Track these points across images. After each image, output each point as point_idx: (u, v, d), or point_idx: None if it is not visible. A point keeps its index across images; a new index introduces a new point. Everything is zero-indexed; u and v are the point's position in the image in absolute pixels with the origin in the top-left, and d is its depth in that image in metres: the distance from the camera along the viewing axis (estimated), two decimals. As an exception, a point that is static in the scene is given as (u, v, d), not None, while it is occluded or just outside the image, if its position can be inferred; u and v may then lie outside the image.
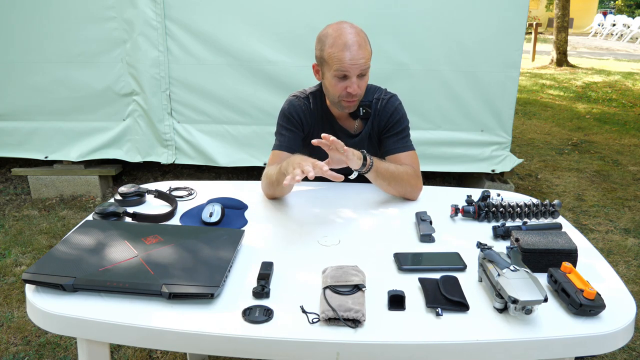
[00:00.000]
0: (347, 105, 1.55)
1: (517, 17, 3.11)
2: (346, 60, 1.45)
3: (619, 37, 19.30)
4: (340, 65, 1.46)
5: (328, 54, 1.48)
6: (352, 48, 1.45)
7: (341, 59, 1.45)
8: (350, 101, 1.54)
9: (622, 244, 2.97)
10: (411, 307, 0.99)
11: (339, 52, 1.45)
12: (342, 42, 1.45)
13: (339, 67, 1.47)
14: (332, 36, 1.48)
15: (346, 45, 1.45)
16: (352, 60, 1.45)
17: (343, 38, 1.46)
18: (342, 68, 1.46)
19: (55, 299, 0.99)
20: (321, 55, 1.51)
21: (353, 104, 1.56)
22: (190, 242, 1.16)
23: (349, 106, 1.56)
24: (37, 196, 3.49)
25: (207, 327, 0.92)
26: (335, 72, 1.48)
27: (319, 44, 1.52)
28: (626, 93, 8.04)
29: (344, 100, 1.53)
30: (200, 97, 3.30)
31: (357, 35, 1.48)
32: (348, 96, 1.51)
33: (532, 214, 1.38)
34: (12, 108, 3.35)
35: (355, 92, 1.50)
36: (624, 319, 0.96)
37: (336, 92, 1.52)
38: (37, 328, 2.10)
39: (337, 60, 1.46)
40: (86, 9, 3.12)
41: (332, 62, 1.48)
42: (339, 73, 1.48)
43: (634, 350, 2.04)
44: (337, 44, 1.46)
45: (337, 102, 1.55)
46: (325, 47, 1.49)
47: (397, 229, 1.34)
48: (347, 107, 1.56)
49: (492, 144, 3.37)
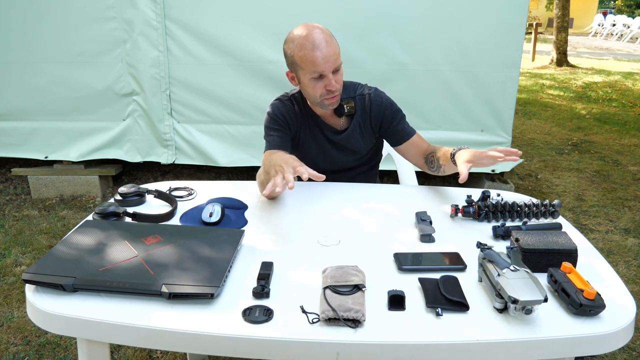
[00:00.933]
0: (330, 102, 1.56)
1: (517, 17, 3.11)
2: (318, 59, 1.46)
3: (619, 37, 19.30)
4: (314, 67, 1.47)
5: (299, 58, 1.48)
6: (321, 46, 1.46)
7: (313, 59, 1.46)
8: (332, 97, 1.55)
9: (622, 244, 2.97)
10: (411, 307, 0.99)
11: (309, 53, 1.46)
12: (310, 43, 1.46)
13: (313, 69, 1.47)
14: (298, 39, 1.48)
15: (314, 45, 1.46)
16: (324, 58, 1.46)
17: (310, 39, 1.46)
18: (316, 69, 1.47)
19: (55, 299, 0.99)
20: (292, 60, 1.52)
21: (335, 99, 1.56)
22: (190, 242, 1.16)
23: (332, 103, 1.57)
24: (37, 196, 3.49)
25: (207, 327, 0.92)
26: (310, 74, 1.49)
27: (287, 50, 1.53)
28: (626, 93, 8.04)
29: (325, 98, 1.54)
30: (200, 97, 3.30)
31: (323, 32, 1.48)
32: (329, 94, 1.53)
33: (532, 214, 1.37)
34: (12, 108, 3.35)
35: (334, 88, 1.51)
36: (624, 319, 0.96)
37: (316, 93, 1.53)
38: (37, 328, 2.10)
39: (309, 62, 1.47)
40: (86, 9, 3.12)
41: (305, 65, 1.48)
42: (314, 74, 1.49)
43: (634, 350, 2.04)
44: (305, 46, 1.46)
45: (320, 101, 1.56)
46: (295, 52, 1.49)
47: (397, 229, 1.34)
48: (330, 104, 1.57)
49: (492, 144, 3.36)
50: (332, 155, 1.71)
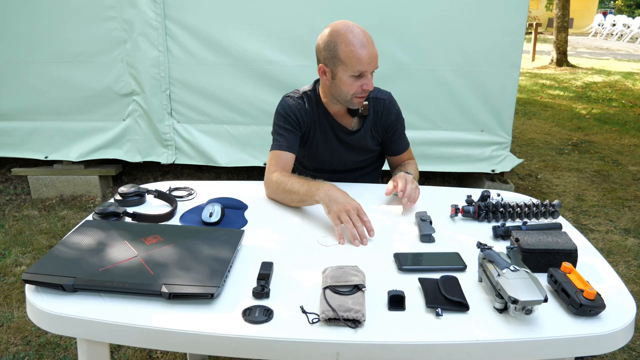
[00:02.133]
0: (359, 101, 1.58)
1: (517, 17, 3.11)
2: (365, 58, 1.46)
3: (619, 37, 19.30)
4: (359, 65, 1.47)
5: (345, 53, 1.47)
6: (368, 46, 1.47)
7: (360, 57, 1.46)
8: (363, 97, 1.57)
9: (622, 244, 2.97)
10: (411, 307, 0.99)
11: (357, 51, 1.46)
12: (358, 41, 1.46)
13: (358, 67, 1.47)
14: (345, 35, 1.47)
15: (362, 43, 1.46)
16: (369, 57, 1.47)
17: (358, 37, 1.46)
18: (360, 67, 1.48)
19: (55, 299, 0.99)
20: (334, 55, 1.49)
21: (364, 99, 1.58)
22: (190, 242, 1.16)
23: (360, 102, 1.58)
24: (37, 196, 3.49)
25: (207, 327, 0.92)
26: (352, 71, 1.49)
27: (329, 44, 1.49)
28: (626, 93, 8.04)
29: (357, 97, 1.55)
30: (200, 97, 3.29)
31: (366, 33, 1.50)
32: (363, 92, 1.54)
33: (532, 214, 1.37)
34: (12, 108, 3.35)
35: (372, 88, 1.54)
36: (624, 319, 0.96)
37: (351, 91, 1.53)
38: (37, 328, 2.10)
39: (356, 59, 1.46)
40: (86, 9, 3.12)
41: (349, 61, 1.47)
42: (356, 72, 1.49)
43: (634, 350, 2.04)
44: (353, 43, 1.46)
45: (350, 99, 1.56)
46: (340, 47, 1.47)
47: (397, 229, 1.34)
48: (358, 103, 1.58)
49: (492, 144, 3.37)
50: (341, 154, 1.71)
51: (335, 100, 1.61)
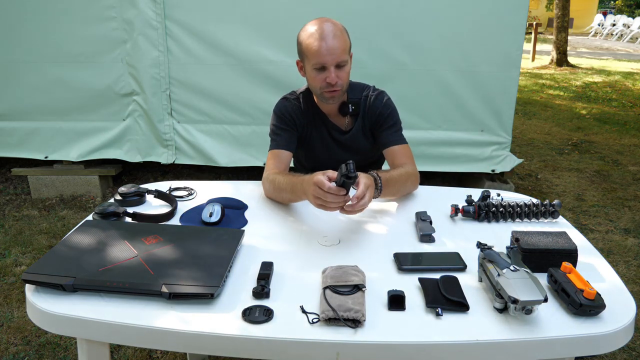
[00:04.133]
0: (330, 96, 1.55)
1: (517, 17, 3.11)
2: (322, 50, 1.47)
3: (619, 37, 19.30)
4: (317, 57, 1.48)
5: (306, 46, 1.51)
6: (327, 38, 1.47)
7: (317, 49, 1.47)
8: (331, 91, 1.54)
9: (622, 244, 2.97)
10: (411, 307, 0.99)
11: (314, 43, 1.48)
12: (318, 34, 1.48)
13: (316, 59, 1.49)
14: (309, 29, 1.51)
15: (321, 35, 1.48)
16: (327, 50, 1.47)
17: (319, 30, 1.49)
18: (318, 60, 1.48)
19: (55, 299, 0.99)
20: (300, 49, 1.55)
21: (336, 94, 1.55)
22: (190, 242, 1.16)
23: (331, 97, 1.56)
24: (37, 196, 3.49)
25: (207, 327, 0.92)
26: (313, 64, 1.50)
27: (298, 38, 1.56)
28: (626, 93, 8.04)
29: (325, 91, 1.54)
30: (200, 97, 3.30)
31: (333, 25, 1.50)
32: (328, 86, 1.52)
33: (532, 214, 1.38)
34: (12, 108, 3.35)
35: (334, 82, 1.50)
36: (624, 319, 0.96)
37: (317, 84, 1.54)
38: (37, 328, 2.10)
39: (314, 52, 1.48)
40: (86, 9, 3.12)
41: (309, 54, 1.50)
42: (316, 65, 1.50)
43: (634, 350, 2.04)
44: (313, 36, 1.49)
45: (320, 94, 1.57)
46: (303, 40, 1.52)
47: (397, 229, 1.34)
48: (329, 97, 1.56)
49: (492, 144, 3.37)
50: (338, 154, 1.71)
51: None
